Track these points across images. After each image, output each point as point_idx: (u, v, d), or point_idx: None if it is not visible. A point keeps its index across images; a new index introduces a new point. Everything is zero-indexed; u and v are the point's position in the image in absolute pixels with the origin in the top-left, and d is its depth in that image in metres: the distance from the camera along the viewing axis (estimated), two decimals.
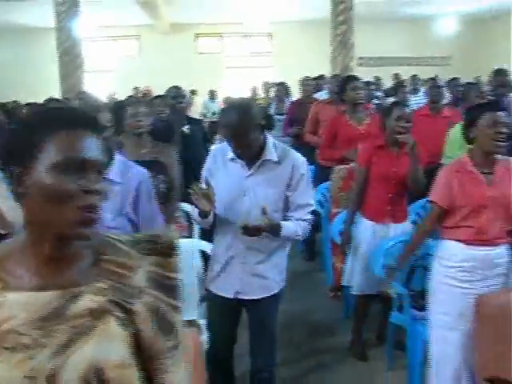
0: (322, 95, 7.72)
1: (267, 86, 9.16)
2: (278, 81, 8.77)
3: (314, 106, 6.04)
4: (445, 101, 5.92)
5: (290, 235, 2.77)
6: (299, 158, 2.81)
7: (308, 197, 2.82)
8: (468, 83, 6.29)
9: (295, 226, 2.75)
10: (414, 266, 3.68)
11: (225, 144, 2.80)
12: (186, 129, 4.67)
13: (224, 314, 2.92)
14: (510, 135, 2.90)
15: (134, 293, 1.16)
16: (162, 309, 1.17)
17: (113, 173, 2.47)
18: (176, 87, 4.89)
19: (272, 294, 2.87)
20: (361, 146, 3.96)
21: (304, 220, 2.79)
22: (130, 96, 7.94)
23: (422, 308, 3.48)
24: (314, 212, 2.89)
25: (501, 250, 2.95)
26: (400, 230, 3.85)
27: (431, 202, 3.04)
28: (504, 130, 2.85)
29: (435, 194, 3.00)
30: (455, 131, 4.30)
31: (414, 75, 9.95)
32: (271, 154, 2.73)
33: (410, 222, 3.98)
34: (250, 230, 2.59)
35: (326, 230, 5.11)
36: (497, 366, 2.58)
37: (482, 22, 18.09)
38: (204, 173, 2.85)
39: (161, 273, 1.18)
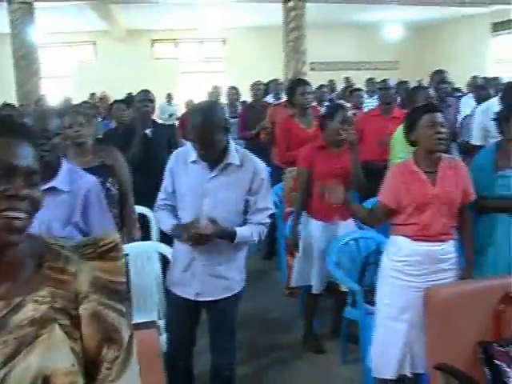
0: (270, 99, 7.83)
1: (216, 91, 9.18)
2: (231, 85, 8.77)
3: (270, 109, 6.12)
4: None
5: (246, 240, 2.79)
6: (260, 163, 2.85)
7: (267, 201, 2.85)
8: (416, 87, 6.43)
9: (251, 231, 2.77)
10: (366, 263, 3.76)
11: (187, 146, 2.82)
12: (148, 132, 4.64)
13: (183, 314, 2.92)
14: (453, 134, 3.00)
15: (77, 298, 1.14)
16: (105, 313, 1.14)
17: (60, 181, 2.45)
18: (144, 91, 4.82)
19: (233, 293, 2.89)
20: (301, 148, 4.03)
21: (262, 224, 2.82)
22: (85, 101, 7.85)
23: (375, 303, 3.56)
24: (271, 214, 2.92)
25: (446, 246, 3.02)
26: (350, 227, 3.93)
27: (379, 201, 3.11)
28: (442, 129, 2.95)
29: (383, 194, 3.07)
30: (399, 131, 4.40)
31: (370, 78, 10.10)
32: (234, 157, 2.74)
33: None
34: (199, 239, 2.62)
35: (280, 229, 5.15)
36: (445, 354, 2.65)
37: (427, 29, 18.51)
38: (166, 173, 2.86)
39: (104, 277, 1.16)
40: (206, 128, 2.59)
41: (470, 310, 2.73)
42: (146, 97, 4.73)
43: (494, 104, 4.66)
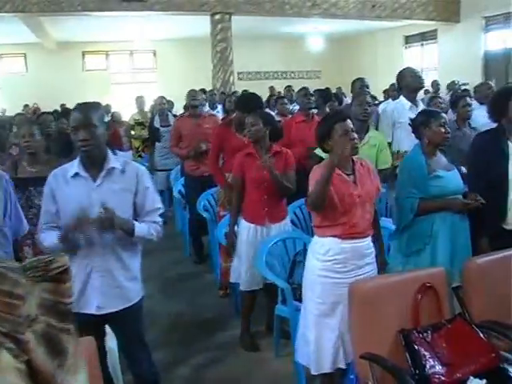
0: (205, 109, 7.81)
1: (139, 100, 9.09)
2: (160, 95, 8.72)
3: (176, 120, 6.12)
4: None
5: (145, 234, 2.74)
6: (141, 167, 2.86)
7: (155, 201, 2.84)
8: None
9: (147, 227, 2.75)
10: (294, 262, 3.81)
11: (64, 166, 2.76)
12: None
13: (87, 331, 2.76)
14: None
15: (24, 322, 1.09)
16: (54, 335, 1.11)
17: None
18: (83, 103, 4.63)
19: (133, 303, 2.81)
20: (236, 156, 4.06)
21: (155, 222, 2.80)
22: (18, 113, 7.60)
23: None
24: (198, 216, 2.91)
25: (368, 241, 3.12)
26: (281, 229, 3.98)
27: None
28: (355, 135, 3.03)
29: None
30: None
31: (288, 86, 10.21)
32: (114, 162, 2.71)
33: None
34: (104, 222, 2.54)
35: (212, 232, 5.14)
36: (370, 343, 2.72)
37: (347, 41, 18.99)
38: (45, 196, 2.74)
39: (53, 299, 1.12)
40: (87, 116, 2.58)
41: (391, 302, 2.81)
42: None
43: (403, 104, 4.84)
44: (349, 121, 3.07)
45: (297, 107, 7.55)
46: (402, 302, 2.83)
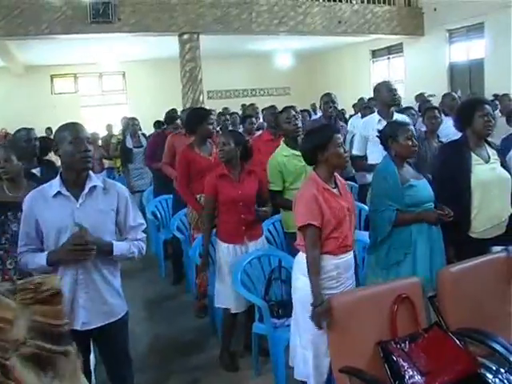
0: None
1: (124, 121, 9.09)
2: (132, 116, 8.70)
3: (170, 137, 6.01)
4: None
5: (125, 253, 2.75)
6: (120, 185, 2.89)
7: (137, 217, 2.86)
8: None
9: (129, 245, 2.76)
10: (270, 279, 3.80)
11: (42, 186, 2.74)
12: (36, 171, 4.18)
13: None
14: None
15: (11, 346, 1.05)
16: (45, 357, 1.08)
17: None
18: (26, 129, 4.31)
19: (118, 318, 2.82)
20: (207, 177, 4.04)
21: (139, 239, 2.83)
22: None
23: (281, 316, 3.60)
24: (173, 238, 2.90)
25: (352, 253, 3.16)
26: (257, 247, 3.97)
27: (307, 225, 2.97)
28: (344, 148, 3.12)
29: (308, 216, 2.97)
30: None
31: (252, 104, 10.22)
32: (96, 180, 2.73)
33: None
34: (82, 249, 2.54)
35: (187, 253, 5.11)
36: (348, 356, 2.72)
37: (315, 57, 19.20)
38: (23, 218, 2.71)
39: (45, 321, 1.09)
40: (85, 130, 2.71)
41: (368, 314, 2.84)
42: (29, 136, 4.23)
43: (374, 118, 4.89)
44: (339, 135, 3.15)
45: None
46: (379, 314, 2.85)
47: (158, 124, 8.75)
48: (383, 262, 3.37)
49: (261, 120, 8.17)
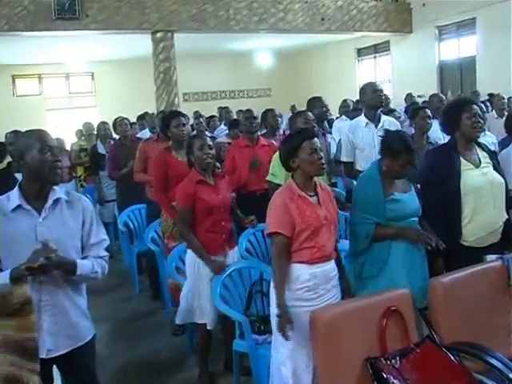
0: (146, 133, 7.74)
1: (87, 126, 8.99)
2: (102, 120, 8.62)
3: (142, 144, 5.96)
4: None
5: (88, 273, 2.67)
6: (85, 198, 2.83)
7: (101, 233, 2.81)
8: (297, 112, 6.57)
9: (92, 263, 2.69)
10: (251, 292, 3.79)
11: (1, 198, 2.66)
12: None
13: None
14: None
15: None
16: (20, 375, 1.06)
17: None
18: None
19: (85, 342, 2.75)
20: (180, 185, 4.03)
21: (101, 257, 2.76)
22: None
23: (263, 332, 3.59)
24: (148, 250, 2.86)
25: (333, 263, 3.17)
26: (235, 256, 4.00)
27: (275, 233, 3.03)
28: (321, 154, 3.09)
29: (277, 225, 3.03)
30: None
31: (225, 107, 10.22)
32: (60, 192, 2.67)
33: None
34: (37, 270, 2.41)
35: (162, 266, 5.08)
36: (335, 374, 2.72)
37: (297, 56, 19.31)
38: None
39: (19, 337, 1.08)
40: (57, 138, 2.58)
41: (355, 328, 2.84)
42: None
43: (360, 121, 4.93)
44: (316, 139, 3.13)
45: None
46: (367, 328, 2.86)
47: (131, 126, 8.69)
48: (360, 273, 3.38)
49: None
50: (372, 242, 3.29)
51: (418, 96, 11.02)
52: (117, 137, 7.57)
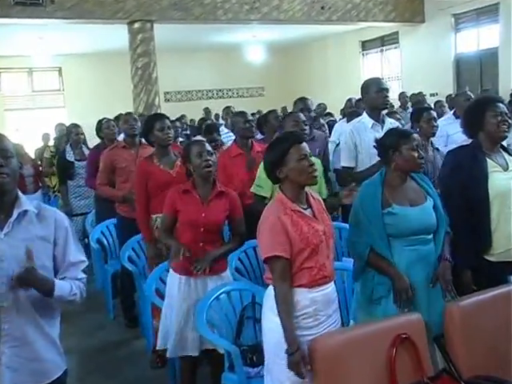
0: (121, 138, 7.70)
1: (60, 128, 8.96)
2: (72, 122, 8.61)
3: (106, 152, 5.91)
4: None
5: (66, 295, 2.63)
6: (60, 212, 2.78)
7: (79, 253, 2.76)
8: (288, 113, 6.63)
9: (70, 284, 2.65)
10: (242, 318, 3.78)
11: None
12: None
13: None
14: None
15: None
16: None
17: None
18: None
19: (54, 379, 2.70)
20: (168, 192, 4.03)
21: (79, 279, 2.72)
22: None
23: (256, 363, 3.57)
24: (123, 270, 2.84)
25: (333, 285, 3.14)
26: (220, 281, 3.95)
27: (273, 257, 2.96)
28: (311, 160, 3.06)
29: (274, 247, 2.95)
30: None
31: (228, 106, 10.28)
32: (27, 204, 2.61)
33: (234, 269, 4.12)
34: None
35: (141, 288, 5.06)
36: None
37: (294, 49, 19.43)
38: None
39: None
40: (2, 140, 2.52)
41: (361, 359, 2.83)
42: None
43: (365, 122, 4.93)
44: (305, 144, 3.10)
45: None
46: (374, 359, 2.85)
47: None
48: (369, 294, 3.36)
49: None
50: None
51: (431, 94, 11.04)
52: (91, 143, 7.55)
